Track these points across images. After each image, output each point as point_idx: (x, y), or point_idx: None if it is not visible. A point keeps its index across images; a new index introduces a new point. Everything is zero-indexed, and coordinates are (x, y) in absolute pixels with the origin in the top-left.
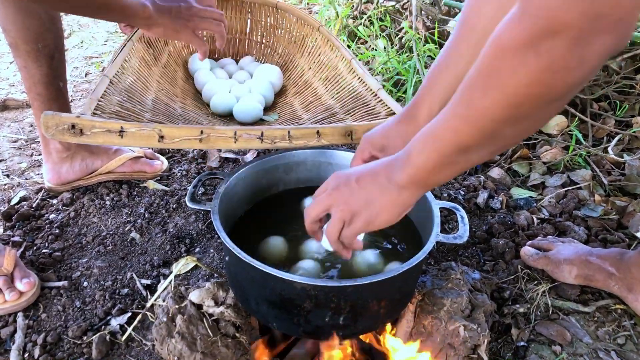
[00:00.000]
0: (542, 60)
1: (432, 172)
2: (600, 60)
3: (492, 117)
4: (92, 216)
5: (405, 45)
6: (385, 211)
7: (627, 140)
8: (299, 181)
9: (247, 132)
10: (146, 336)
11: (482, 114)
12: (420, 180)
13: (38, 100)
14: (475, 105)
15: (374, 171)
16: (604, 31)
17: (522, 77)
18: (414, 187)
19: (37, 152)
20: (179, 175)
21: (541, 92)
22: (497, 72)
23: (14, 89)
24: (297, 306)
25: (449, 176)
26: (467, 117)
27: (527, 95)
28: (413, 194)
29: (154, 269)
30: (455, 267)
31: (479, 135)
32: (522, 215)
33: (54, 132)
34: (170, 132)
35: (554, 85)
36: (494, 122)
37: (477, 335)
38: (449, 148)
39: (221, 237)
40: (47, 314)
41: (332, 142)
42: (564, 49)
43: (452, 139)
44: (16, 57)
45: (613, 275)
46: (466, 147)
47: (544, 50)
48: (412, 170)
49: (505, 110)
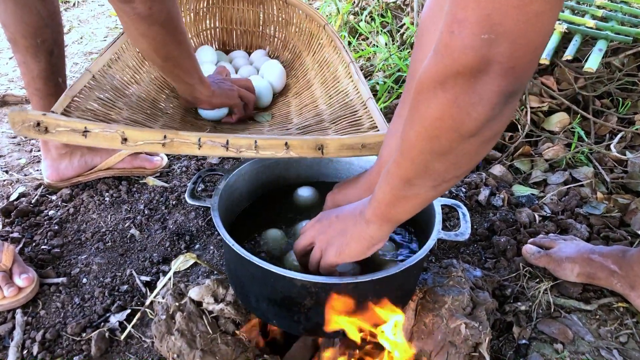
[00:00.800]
0: (448, 95)
1: (390, 205)
2: (499, 99)
3: (419, 148)
4: (91, 212)
5: (406, 42)
6: (353, 241)
7: (629, 137)
8: (299, 177)
9: (212, 140)
10: (145, 333)
11: (411, 146)
12: (382, 214)
13: (37, 95)
14: (406, 138)
15: (352, 208)
16: (498, 74)
17: (434, 111)
18: (379, 221)
19: (36, 148)
20: (178, 171)
21: (452, 125)
22: (417, 106)
23: (13, 84)
24: (298, 303)
25: (408, 211)
26: (403, 150)
27: (441, 128)
28: (379, 228)
29: (154, 265)
30: (457, 265)
31: (414, 168)
32: (524, 213)
33: (20, 128)
34: (133, 135)
35: (462, 119)
36: (421, 154)
37: (479, 333)
38: (396, 181)
39: (221, 234)
40: (46, 310)
41: (301, 155)
42: (465, 86)
43: (396, 172)
44: (15, 53)
45: (615, 273)
46: (408, 180)
47: (450, 86)
48: (374, 204)
49: (426, 141)
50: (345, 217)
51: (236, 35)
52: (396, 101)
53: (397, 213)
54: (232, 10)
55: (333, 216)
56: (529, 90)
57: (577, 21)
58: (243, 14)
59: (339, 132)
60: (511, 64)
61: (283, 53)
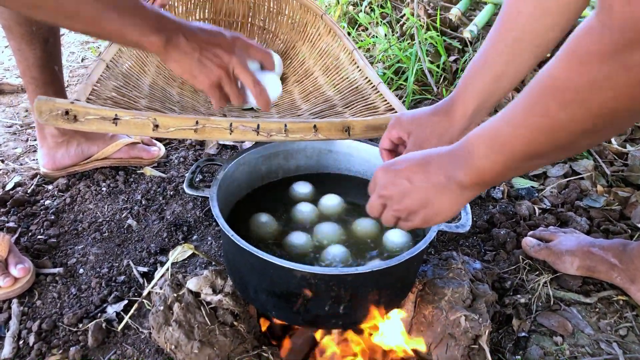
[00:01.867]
0: (632, 74)
1: (497, 175)
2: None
3: (570, 130)
4: (88, 202)
5: (406, 33)
6: (445, 210)
7: (630, 130)
8: (298, 168)
9: (243, 124)
10: (143, 324)
11: (559, 127)
12: (483, 181)
13: (32, 84)
14: (551, 118)
15: (425, 168)
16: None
17: (609, 92)
18: (477, 188)
19: (33, 137)
20: (176, 162)
21: (629, 106)
22: (577, 87)
23: (8, 73)
24: (297, 295)
25: (511, 177)
26: (541, 128)
27: (613, 109)
28: (474, 193)
29: (151, 256)
30: (457, 257)
31: (553, 146)
32: (524, 205)
33: (47, 118)
34: (165, 122)
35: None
36: (571, 135)
37: (478, 326)
38: (518, 156)
39: (220, 224)
40: (42, 300)
41: (328, 137)
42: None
43: (522, 148)
44: (10, 40)
45: (615, 267)
46: (536, 155)
47: (634, 63)
48: (476, 173)
49: (585, 124)
50: (422, 182)
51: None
52: (396, 92)
53: (500, 180)
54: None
55: (404, 180)
56: None
57: None
58: (232, 5)
59: (355, 115)
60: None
61: (275, 43)
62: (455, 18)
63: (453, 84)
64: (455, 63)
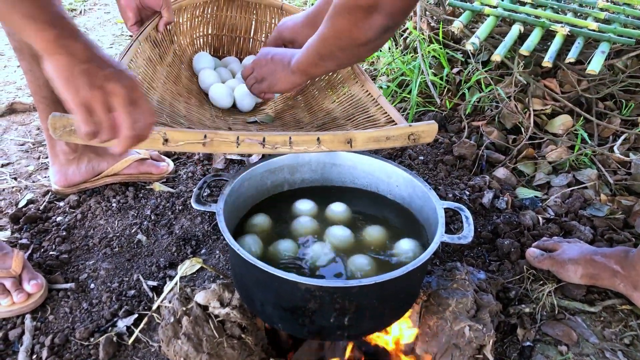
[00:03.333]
0: (352, 18)
1: (308, 66)
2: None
3: (330, 42)
4: (98, 218)
5: (409, 46)
6: (280, 82)
7: (633, 139)
8: (303, 181)
9: (250, 137)
10: (153, 337)
11: (326, 37)
12: (302, 70)
13: (43, 103)
14: (324, 32)
15: (282, 55)
16: (383, 14)
17: (342, 25)
18: (300, 73)
19: (44, 155)
20: (184, 177)
21: (351, 36)
22: (334, 18)
23: (21, 92)
24: (302, 307)
25: (321, 73)
26: (321, 38)
27: (344, 36)
28: (299, 77)
29: (160, 270)
30: (461, 268)
31: (325, 50)
32: (528, 215)
33: (61, 133)
34: (174, 136)
35: (357, 35)
36: (331, 45)
37: (483, 336)
38: (314, 54)
39: (226, 239)
40: (54, 315)
41: (331, 149)
42: (362, 15)
43: (315, 49)
44: (21, 61)
45: (618, 273)
46: (321, 56)
47: (354, 14)
48: (298, 62)
49: (335, 40)
50: (277, 62)
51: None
52: (400, 105)
53: (313, 72)
54: (225, 17)
55: (269, 57)
56: (532, 93)
57: (579, 24)
58: (235, 21)
59: (357, 127)
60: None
61: None
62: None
63: (456, 96)
64: (458, 75)
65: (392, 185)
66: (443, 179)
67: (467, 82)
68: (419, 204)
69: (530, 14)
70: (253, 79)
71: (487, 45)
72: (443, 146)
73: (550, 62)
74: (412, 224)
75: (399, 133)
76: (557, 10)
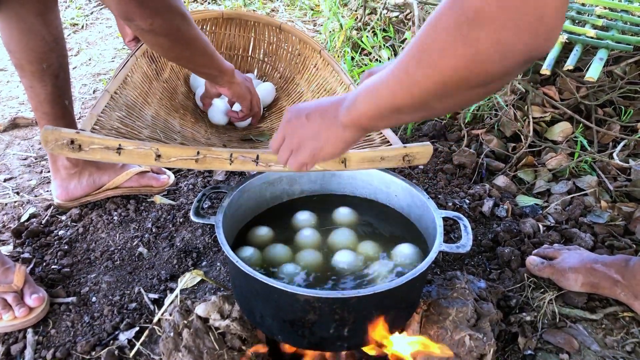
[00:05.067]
0: (468, 49)
1: (370, 120)
2: (522, 58)
3: (422, 88)
4: (100, 232)
5: None
6: (329, 145)
7: (632, 145)
8: (302, 192)
9: (243, 155)
10: (154, 350)
11: (414, 84)
12: (360, 124)
13: (45, 119)
14: (410, 75)
15: (323, 109)
16: (525, 29)
17: (450, 61)
18: (355, 128)
19: (47, 169)
20: (185, 189)
21: (465, 77)
22: (430, 51)
23: (23, 107)
24: (301, 318)
25: (385, 126)
26: (402, 82)
27: (452, 77)
28: (354, 133)
29: (162, 283)
30: (461, 277)
31: (411, 101)
32: (528, 223)
33: (53, 147)
34: (167, 152)
35: (477, 73)
36: (423, 93)
37: (483, 345)
38: (385, 105)
39: (225, 251)
40: (56, 329)
41: (325, 169)
42: (488, 42)
43: (388, 98)
44: (22, 78)
45: (619, 282)
46: (399, 108)
47: (472, 40)
48: (355, 114)
49: (433, 85)
50: (318, 119)
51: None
52: None
53: (376, 126)
54: (224, 35)
55: (304, 117)
56: (531, 101)
57: (577, 31)
58: (234, 39)
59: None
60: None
61: (274, 76)
62: None
63: None
64: None
65: (391, 194)
66: (443, 188)
67: None
68: (418, 213)
69: None
70: (288, 151)
71: None
72: (443, 155)
73: (548, 70)
74: (411, 233)
75: (393, 154)
76: None
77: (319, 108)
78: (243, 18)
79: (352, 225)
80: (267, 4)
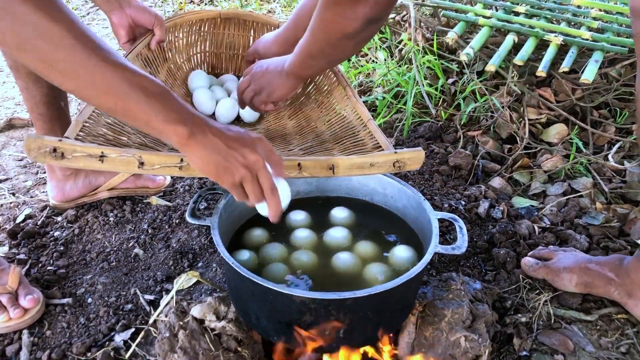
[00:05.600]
0: (338, 9)
1: (301, 68)
2: (368, 19)
3: (319, 37)
4: (96, 233)
5: (404, 57)
6: (278, 89)
7: (627, 147)
8: (299, 194)
9: None
10: (150, 351)
11: (315, 34)
12: (296, 73)
13: (40, 120)
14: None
15: (276, 64)
16: (364, 4)
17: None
18: (294, 76)
19: (42, 170)
20: (181, 190)
21: (338, 28)
22: (321, 13)
23: (19, 107)
24: (297, 320)
25: (313, 74)
26: (310, 36)
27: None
28: (294, 80)
29: (158, 284)
30: (456, 278)
31: (316, 48)
32: (524, 225)
33: (36, 155)
34: (150, 159)
35: (344, 26)
36: (320, 41)
37: (479, 346)
38: (304, 54)
39: (220, 252)
40: (51, 330)
41: (313, 175)
42: (348, 6)
43: (304, 48)
44: (17, 79)
45: (613, 281)
46: (312, 55)
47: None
48: (290, 66)
49: (323, 34)
50: (272, 71)
51: (225, 58)
52: (396, 116)
53: (306, 73)
54: (223, 35)
55: (264, 69)
56: (526, 103)
57: (573, 33)
58: (233, 38)
59: (343, 152)
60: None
61: None
62: (452, 42)
63: (452, 106)
64: (453, 85)
65: (387, 196)
66: (439, 189)
67: (462, 92)
68: (414, 215)
69: (524, 24)
70: (252, 92)
71: (482, 56)
72: (439, 156)
73: (544, 72)
74: (407, 235)
75: (383, 160)
76: (550, 20)
77: (274, 63)
78: (241, 18)
79: (348, 226)
80: (263, 5)
